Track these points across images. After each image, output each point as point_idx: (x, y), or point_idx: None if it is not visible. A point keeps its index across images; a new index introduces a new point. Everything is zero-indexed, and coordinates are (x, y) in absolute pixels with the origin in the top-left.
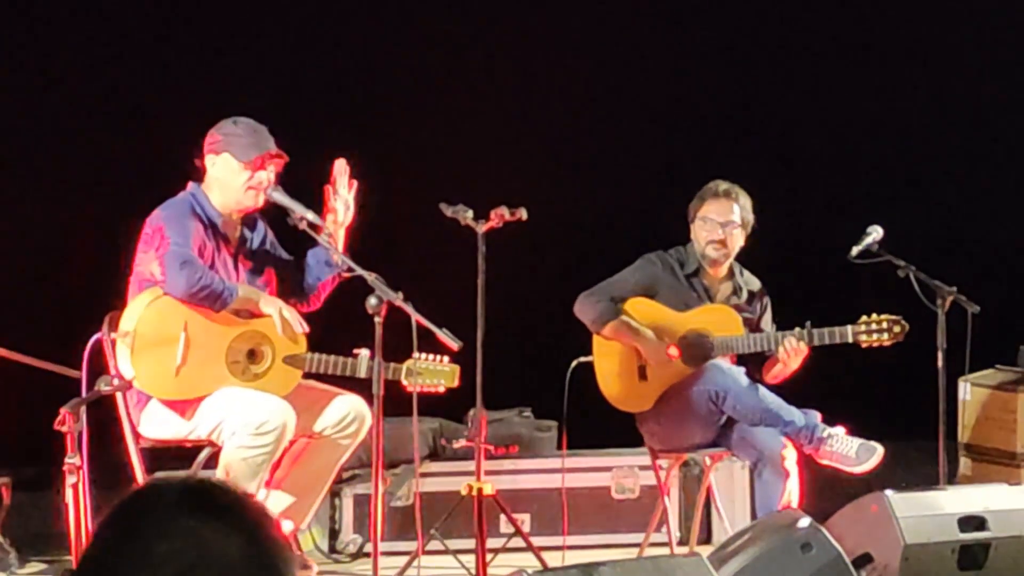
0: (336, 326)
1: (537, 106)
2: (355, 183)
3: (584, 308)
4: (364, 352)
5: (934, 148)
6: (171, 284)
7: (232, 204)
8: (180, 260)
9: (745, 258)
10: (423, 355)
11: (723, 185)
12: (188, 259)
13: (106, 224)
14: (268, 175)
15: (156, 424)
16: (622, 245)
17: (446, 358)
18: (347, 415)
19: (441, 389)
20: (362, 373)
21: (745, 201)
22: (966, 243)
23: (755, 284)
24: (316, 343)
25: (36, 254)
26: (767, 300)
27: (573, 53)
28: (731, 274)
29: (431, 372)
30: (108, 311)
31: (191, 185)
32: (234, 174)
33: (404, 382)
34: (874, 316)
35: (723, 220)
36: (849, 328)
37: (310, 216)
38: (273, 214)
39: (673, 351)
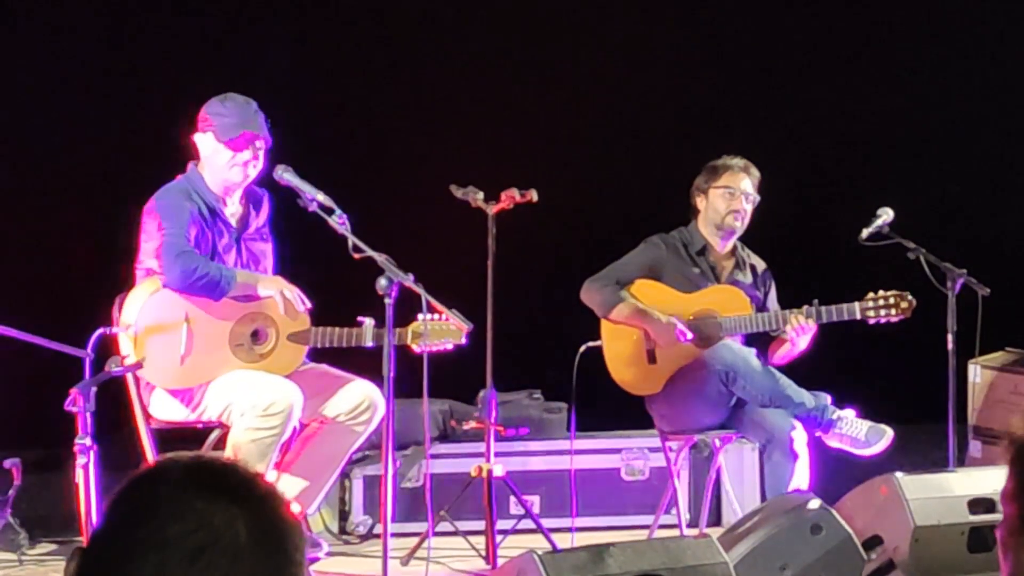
0: (347, 307)
1: (548, 88)
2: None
3: (590, 293)
4: (369, 321)
5: (944, 129)
6: (168, 276)
7: (221, 182)
8: (175, 252)
9: (755, 239)
10: (425, 316)
11: (739, 159)
12: (184, 250)
13: (113, 207)
14: (250, 155)
15: (166, 406)
16: (633, 227)
17: (447, 316)
18: (361, 403)
19: (449, 347)
20: (368, 342)
21: (758, 175)
22: (976, 225)
23: (759, 263)
24: (327, 325)
25: (44, 237)
26: (771, 280)
27: (583, 35)
28: (734, 250)
29: (438, 332)
30: (117, 293)
31: (190, 166)
32: (217, 153)
33: (412, 345)
34: (880, 292)
35: (744, 191)
36: (856, 305)
37: (320, 198)
38: (277, 197)
39: (681, 328)
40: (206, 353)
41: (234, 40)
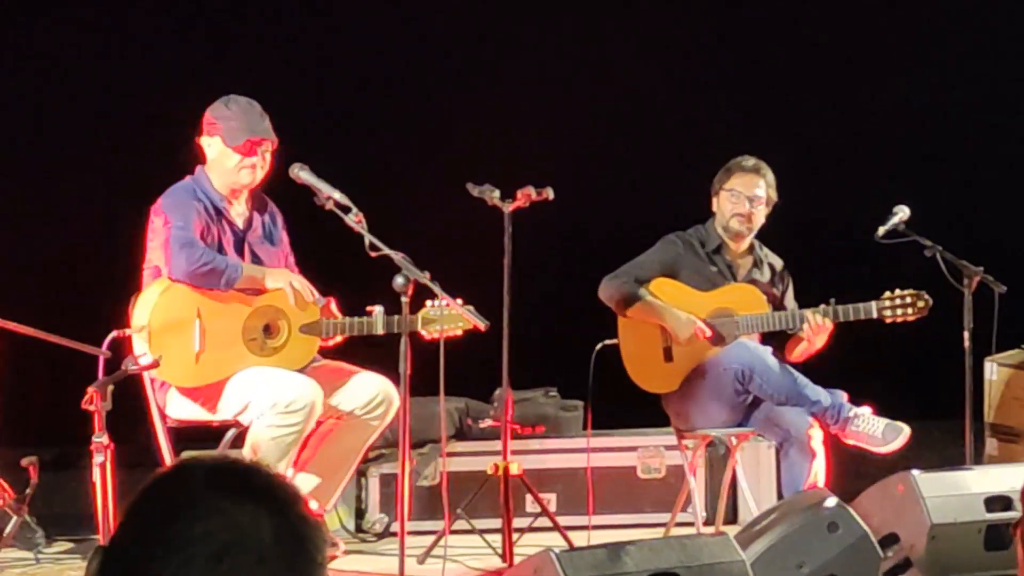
0: (357, 303)
1: (565, 86)
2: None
3: (609, 291)
4: (379, 309)
5: (961, 127)
6: (173, 266)
7: (229, 184)
8: (180, 242)
9: (772, 237)
10: (433, 303)
11: (751, 160)
12: (188, 241)
13: (129, 209)
14: (259, 158)
15: (182, 406)
16: (650, 224)
17: (459, 300)
18: (375, 396)
19: (459, 332)
20: (379, 330)
21: (771, 177)
22: (993, 223)
23: (777, 261)
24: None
25: (60, 237)
26: (789, 278)
27: (598, 33)
28: (751, 249)
29: (447, 318)
30: (131, 294)
31: (198, 168)
32: (225, 157)
33: (422, 332)
34: (897, 291)
35: (750, 194)
36: (873, 304)
37: (337, 196)
38: (293, 196)
39: (701, 326)
40: (220, 349)
41: (246, 39)
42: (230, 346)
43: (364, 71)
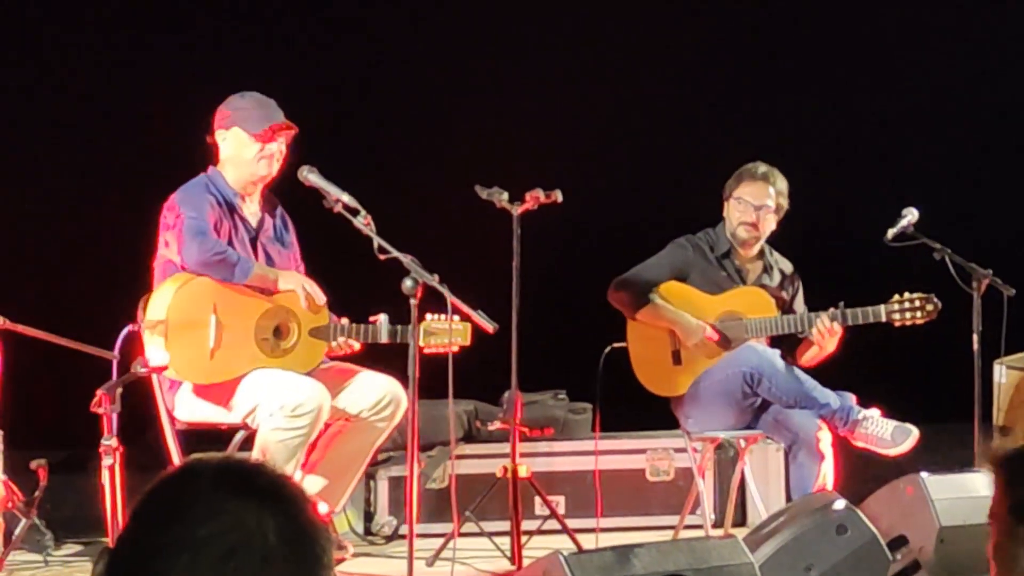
0: (371, 308)
1: (573, 89)
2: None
3: (618, 294)
4: (383, 317)
5: (969, 129)
6: (186, 253)
7: (246, 176)
8: (194, 231)
9: (780, 241)
10: (436, 316)
11: (762, 167)
12: (201, 229)
13: (139, 208)
14: (279, 146)
15: (190, 408)
16: (658, 227)
17: (456, 317)
18: (383, 397)
19: (455, 348)
20: (383, 338)
21: (782, 185)
22: (1002, 225)
23: (787, 266)
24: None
25: (70, 239)
26: (799, 282)
27: (607, 35)
28: (761, 253)
29: (446, 332)
30: (141, 295)
31: (210, 168)
32: (245, 147)
33: (420, 343)
34: (906, 295)
35: (757, 203)
36: (882, 307)
37: (345, 198)
38: (301, 198)
39: (711, 332)
40: (234, 347)
41: (255, 41)
42: (243, 345)
43: (371, 73)
